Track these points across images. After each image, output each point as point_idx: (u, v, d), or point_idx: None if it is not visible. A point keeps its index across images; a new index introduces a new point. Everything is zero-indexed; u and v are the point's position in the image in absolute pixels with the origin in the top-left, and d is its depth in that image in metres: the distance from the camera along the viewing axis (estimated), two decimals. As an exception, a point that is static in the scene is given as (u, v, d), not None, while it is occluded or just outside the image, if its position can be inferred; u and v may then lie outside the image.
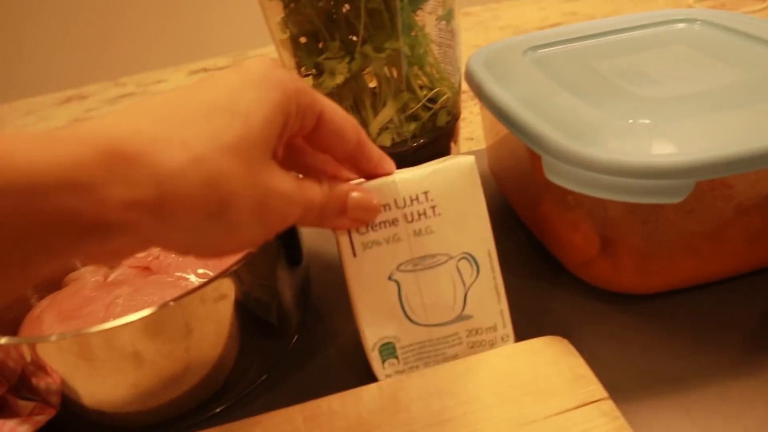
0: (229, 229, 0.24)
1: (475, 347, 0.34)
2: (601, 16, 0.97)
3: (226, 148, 0.22)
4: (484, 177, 0.51)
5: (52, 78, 1.08)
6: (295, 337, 0.40)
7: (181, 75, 1.04)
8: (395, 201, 0.32)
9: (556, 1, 1.07)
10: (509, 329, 0.34)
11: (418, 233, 0.32)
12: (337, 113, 0.28)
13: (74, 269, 0.42)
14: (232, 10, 1.13)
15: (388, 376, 0.33)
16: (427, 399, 0.32)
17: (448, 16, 0.40)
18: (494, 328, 0.34)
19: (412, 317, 0.33)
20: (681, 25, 0.49)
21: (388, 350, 0.33)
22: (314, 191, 0.28)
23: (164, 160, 0.21)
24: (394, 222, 0.32)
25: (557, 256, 0.41)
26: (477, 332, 0.34)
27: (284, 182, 0.26)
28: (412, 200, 0.32)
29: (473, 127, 0.67)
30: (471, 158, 0.32)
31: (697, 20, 0.49)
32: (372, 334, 0.33)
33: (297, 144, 0.30)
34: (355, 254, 0.32)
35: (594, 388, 0.31)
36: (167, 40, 1.13)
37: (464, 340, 0.34)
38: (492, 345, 0.34)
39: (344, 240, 0.32)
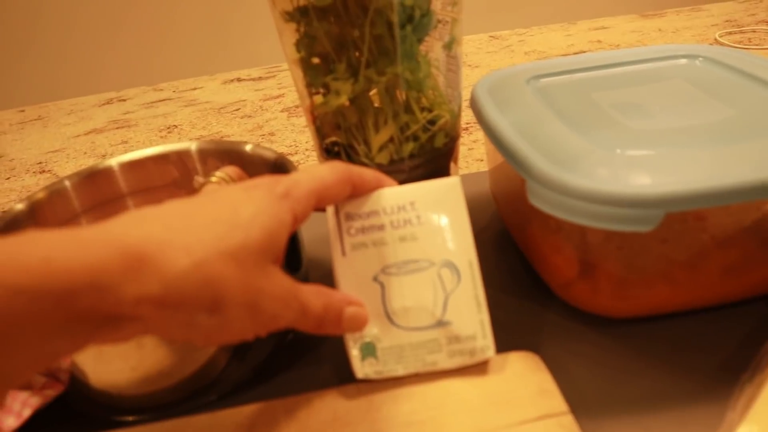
0: (221, 324, 0.27)
1: (455, 356, 0.34)
2: (625, 45, 0.99)
3: (224, 254, 0.26)
4: (486, 199, 0.53)
5: (95, 81, 1.14)
6: (290, 335, 0.42)
7: (216, 83, 1.09)
8: (383, 208, 0.35)
9: (584, 29, 1.08)
10: (489, 341, 0.34)
11: (403, 239, 0.34)
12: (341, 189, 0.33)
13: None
14: (267, 24, 1.17)
15: (366, 374, 0.35)
16: (398, 401, 0.34)
17: (450, 45, 0.42)
18: (473, 338, 0.34)
19: (394, 319, 0.35)
20: (683, 61, 0.50)
21: (368, 349, 0.35)
22: (312, 301, 0.31)
23: (170, 263, 0.24)
24: (381, 227, 0.35)
25: (542, 276, 0.43)
26: (457, 340, 0.34)
27: (279, 287, 0.29)
28: (399, 208, 0.35)
29: (483, 149, 0.69)
30: (456, 178, 0.35)
31: (699, 56, 0.50)
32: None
33: None
34: (344, 254, 0.35)
35: (556, 402, 0.33)
36: (204, 49, 1.17)
37: (444, 348, 0.34)
38: (472, 355, 0.34)
39: (336, 240, 0.35)
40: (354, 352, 0.35)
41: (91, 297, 0.22)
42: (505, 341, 0.40)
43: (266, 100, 0.97)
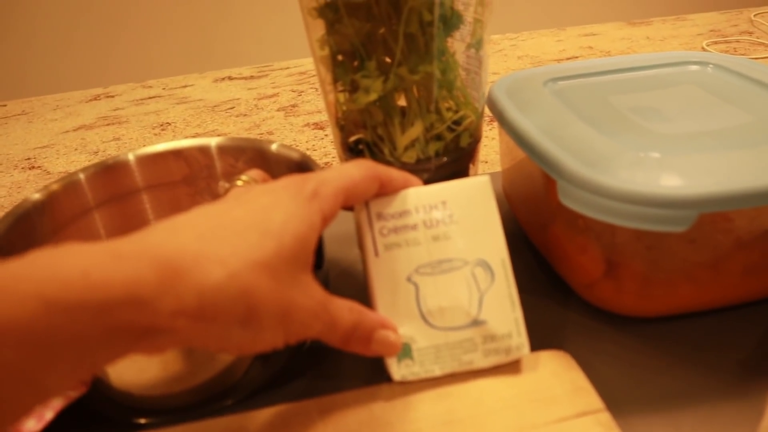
0: (255, 334, 0.27)
1: (490, 355, 0.34)
2: (616, 52, 1.00)
3: (258, 265, 0.26)
4: (498, 199, 0.53)
5: (82, 76, 1.12)
6: (308, 342, 0.42)
7: (207, 82, 1.08)
8: (415, 207, 0.35)
9: (574, 35, 1.10)
10: (524, 338, 0.35)
11: (436, 238, 0.34)
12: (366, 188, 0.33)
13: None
14: (260, 22, 1.16)
15: (403, 376, 0.34)
16: (435, 400, 0.34)
17: (478, 45, 0.42)
18: (509, 336, 0.34)
19: (429, 319, 0.34)
20: (694, 67, 0.51)
21: (404, 351, 0.34)
22: (343, 316, 0.31)
23: (205, 276, 0.24)
24: (414, 227, 0.34)
25: (564, 276, 0.43)
26: (492, 339, 0.34)
27: (310, 298, 0.29)
28: (431, 207, 0.35)
29: (487, 150, 0.70)
30: (486, 176, 0.35)
31: (710, 63, 0.51)
32: None
33: None
34: (377, 254, 0.34)
35: (592, 399, 0.33)
36: (195, 46, 1.16)
37: (479, 347, 0.35)
38: (507, 353, 0.34)
39: (368, 240, 0.35)
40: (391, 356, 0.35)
41: (129, 310, 0.22)
42: (530, 341, 0.40)
43: (261, 99, 0.96)
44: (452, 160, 0.43)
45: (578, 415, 0.32)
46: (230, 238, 0.26)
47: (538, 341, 0.40)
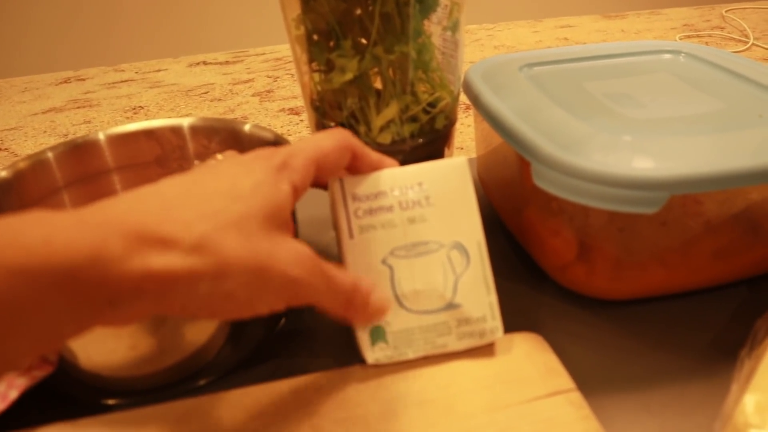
0: (228, 293, 0.26)
1: (464, 338, 0.34)
2: (591, 44, 1.01)
3: (226, 224, 0.26)
4: (473, 185, 0.54)
5: (52, 58, 1.09)
6: (283, 318, 0.42)
7: (181, 66, 1.06)
8: (391, 189, 0.34)
9: (550, 27, 1.10)
10: (498, 322, 0.35)
11: (412, 221, 0.34)
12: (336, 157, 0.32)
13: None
14: (234, 7, 1.15)
15: (376, 359, 0.34)
16: (408, 380, 0.34)
17: (454, 27, 0.42)
18: (483, 319, 0.34)
19: (404, 302, 0.34)
20: (667, 56, 0.52)
21: (378, 334, 0.34)
22: (341, 276, 0.31)
23: (170, 238, 0.24)
24: (390, 208, 0.34)
25: (537, 260, 0.44)
26: (466, 322, 0.34)
27: (293, 251, 0.28)
28: (407, 188, 0.34)
29: (463, 137, 0.70)
30: (463, 158, 0.35)
31: (682, 52, 0.52)
32: None
33: None
34: (352, 236, 0.34)
35: (564, 380, 0.33)
36: (168, 31, 1.14)
37: (453, 330, 0.34)
38: (481, 337, 0.34)
39: (343, 222, 0.34)
40: (363, 337, 0.34)
41: (94, 275, 0.22)
42: (504, 324, 0.41)
43: (235, 84, 0.95)
44: (427, 142, 0.43)
45: (549, 395, 0.32)
46: (196, 204, 0.26)
47: (512, 324, 0.41)
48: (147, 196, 0.26)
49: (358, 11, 0.39)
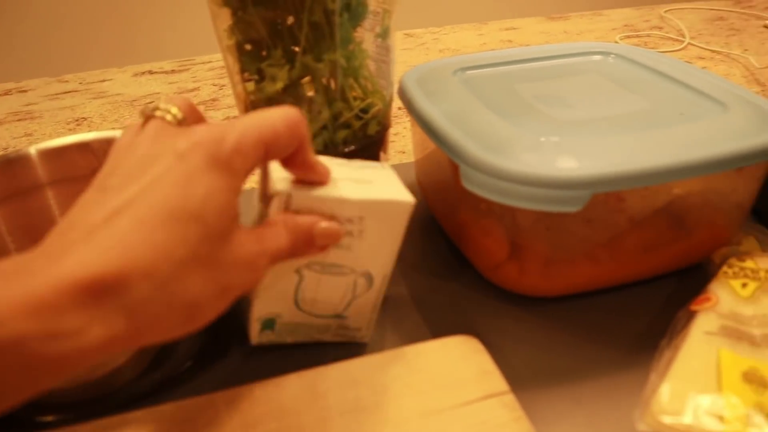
0: (198, 320, 0.26)
1: (337, 337, 0.39)
2: (535, 45, 1.03)
3: (188, 261, 0.24)
4: (411, 189, 0.54)
5: (-9, 70, 1.06)
6: (220, 326, 0.41)
7: (126, 76, 1.04)
8: (333, 216, 0.33)
9: (495, 29, 1.12)
10: (370, 332, 0.39)
11: (339, 246, 0.34)
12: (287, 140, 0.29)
13: None
14: (180, 16, 1.13)
15: (259, 342, 0.38)
16: (343, 388, 0.34)
17: (384, 34, 0.43)
18: (359, 329, 0.39)
19: (300, 305, 0.37)
20: (598, 57, 0.53)
21: (268, 323, 0.37)
22: (279, 240, 0.30)
23: (131, 293, 0.22)
24: None
25: (472, 260, 0.44)
26: (345, 328, 0.39)
27: (245, 251, 0.27)
28: (348, 220, 0.33)
29: (406, 141, 0.71)
30: (411, 200, 0.34)
31: (611, 53, 0.53)
32: (261, 308, 0.36)
33: None
34: None
35: (497, 382, 0.34)
36: (114, 40, 1.12)
37: (332, 330, 0.39)
38: (352, 338, 0.40)
39: None
40: (256, 325, 0.37)
41: (48, 344, 0.21)
42: (440, 325, 0.41)
43: (181, 93, 0.94)
44: (360, 148, 0.43)
45: (483, 398, 0.33)
46: (150, 236, 0.23)
47: (449, 324, 0.41)
48: (102, 239, 0.23)
49: (288, 20, 0.39)
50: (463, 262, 0.46)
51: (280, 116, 0.28)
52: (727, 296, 0.36)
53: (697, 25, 1.11)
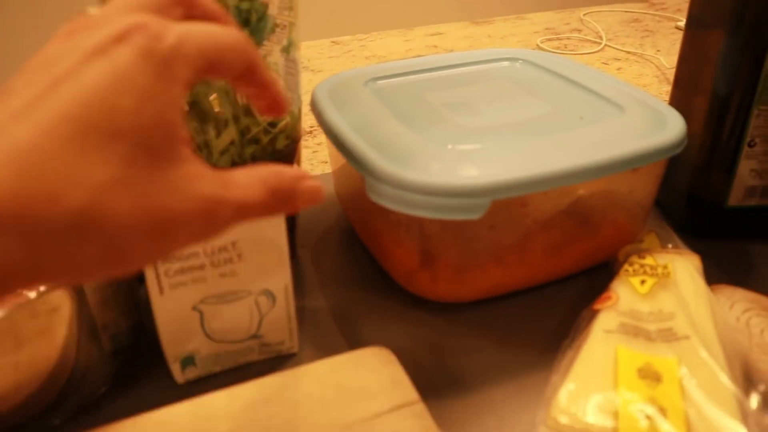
0: (123, 263, 0.20)
1: (264, 354, 0.39)
2: (459, 50, 1.05)
3: (107, 188, 0.18)
4: (331, 200, 0.55)
5: None
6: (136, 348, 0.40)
7: None
8: (204, 250, 0.34)
9: (421, 35, 1.13)
10: (295, 342, 0.40)
11: (223, 275, 0.35)
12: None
13: None
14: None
15: (187, 379, 0.38)
16: (256, 407, 0.33)
17: (288, 48, 0.42)
18: (282, 342, 0.39)
19: (212, 336, 0.37)
20: (506, 63, 0.54)
21: (188, 361, 0.37)
22: (252, 191, 0.23)
23: (31, 220, 0.17)
24: (201, 267, 0.35)
25: (387, 269, 0.45)
26: (267, 345, 0.39)
27: (199, 191, 0.21)
28: (219, 249, 0.34)
29: (328, 151, 0.71)
30: (279, 218, 0.35)
31: (519, 59, 0.55)
32: (173, 351, 0.37)
33: None
34: (162, 292, 0.35)
35: (408, 392, 0.34)
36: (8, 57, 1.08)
37: (256, 350, 0.39)
38: (279, 352, 0.40)
39: (152, 280, 0.34)
40: (175, 365, 0.37)
41: None
42: (358, 335, 0.41)
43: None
44: (270, 163, 0.43)
45: (394, 409, 0.33)
46: (58, 152, 0.18)
47: (366, 335, 0.41)
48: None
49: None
50: (380, 272, 0.46)
51: (225, 31, 0.23)
52: (627, 294, 0.37)
53: (614, 27, 1.15)
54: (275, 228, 0.35)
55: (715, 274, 0.45)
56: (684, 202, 0.51)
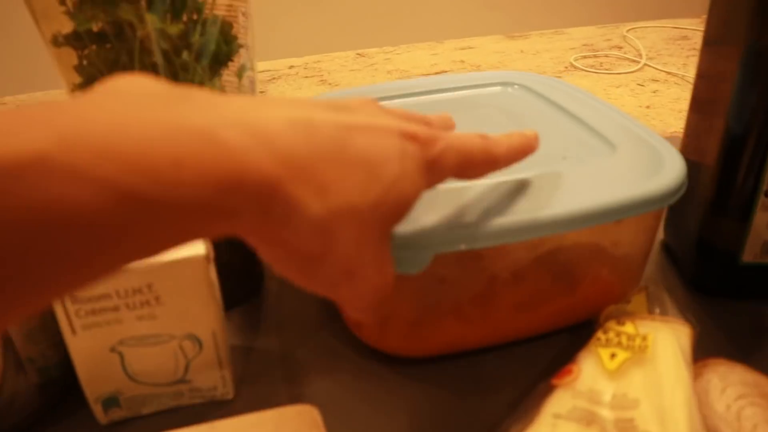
0: (311, 277, 0.23)
1: (195, 398, 0.37)
2: (486, 67, 1.00)
3: (355, 210, 0.22)
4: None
5: None
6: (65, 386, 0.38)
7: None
8: (116, 291, 0.32)
9: (450, 48, 1.09)
10: (229, 388, 0.37)
11: (140, 318, 0.33)
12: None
13: None
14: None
15: (111, 420, 0.36)
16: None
17: (241, 72, 0.39)
18: (214, 388, 0.37)
19: (136, 378, 0.35)
20: (497, 89, 0.50)
21: (111, 402, 0.35)
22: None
23: (301, 205, 0.20)
24: (115, 308, 0.32)
25: (343, 318, 0.41)
26: (198, 390, 0.36)
27: (379, 274, 0.25)
28: (134, 291, 0.32)
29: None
30: (202, 252, 0.32)
31: (514, 84, 0.50)
32: (93, 391, 0.34)
33: None
34: (74, 333, 0.32)
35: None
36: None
37: (186, 395, 0.36)
38: (212, 398, 0.37)
39: (63, 320, 0.32)
40: (97, 406, 0.35)
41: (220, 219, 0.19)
42: (301, 382, 0.38)
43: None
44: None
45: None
46: (338, 167, 0.21)
47: (309, 382, 0.38)
48: (288, 130, 0.20)
49: (126, 60, 0.36)
50: (335, 315, 0.42)
51: (480, 141, 0.27)
52: (591, 368, 0.32)
53: (658, 45, 1.07)
54: (197, 271, 0.32)
55: (718, 343, 0.40)
56: (693, 250, 0.45)
